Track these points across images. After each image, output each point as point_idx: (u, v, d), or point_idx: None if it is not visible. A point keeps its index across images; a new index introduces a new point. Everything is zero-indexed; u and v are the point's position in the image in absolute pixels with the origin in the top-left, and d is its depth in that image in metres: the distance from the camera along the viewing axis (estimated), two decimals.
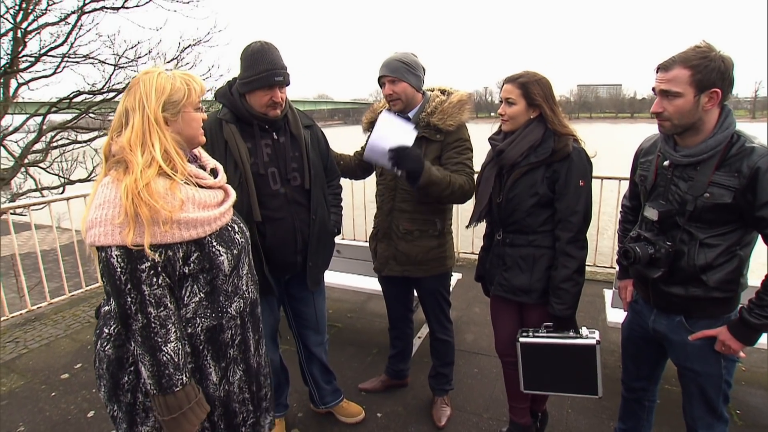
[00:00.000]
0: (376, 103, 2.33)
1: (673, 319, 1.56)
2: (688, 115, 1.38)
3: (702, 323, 1.50)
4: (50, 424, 2.43)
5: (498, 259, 1.93)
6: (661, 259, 1.48)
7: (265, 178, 1.85)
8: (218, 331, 1.26)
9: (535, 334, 1.78)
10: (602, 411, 2.41)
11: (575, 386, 1.80)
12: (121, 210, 1.07)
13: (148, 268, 1.10)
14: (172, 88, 1.19)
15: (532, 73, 1.78)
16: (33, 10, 7.24)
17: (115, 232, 1.07)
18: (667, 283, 1.51)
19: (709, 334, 1.48)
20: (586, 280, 1.85)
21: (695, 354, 1.52)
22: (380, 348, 3.10)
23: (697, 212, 1.41)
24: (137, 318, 1.11)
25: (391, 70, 2.03)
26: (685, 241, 1.45)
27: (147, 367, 1.13)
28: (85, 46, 8.05)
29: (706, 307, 1.48)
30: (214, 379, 1.28)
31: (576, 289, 1.76)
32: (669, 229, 1.49)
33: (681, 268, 1.47)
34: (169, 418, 1.16)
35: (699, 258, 1.43)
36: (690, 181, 1.43)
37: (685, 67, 1.34)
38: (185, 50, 8.65)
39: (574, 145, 1.74)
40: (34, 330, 3.50)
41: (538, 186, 1.76)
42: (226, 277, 1.26)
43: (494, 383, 2.67)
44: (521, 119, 1.77)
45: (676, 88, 1.36)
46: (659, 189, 1.53)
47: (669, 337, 1.58)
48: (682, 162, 1.44)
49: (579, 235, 1.75)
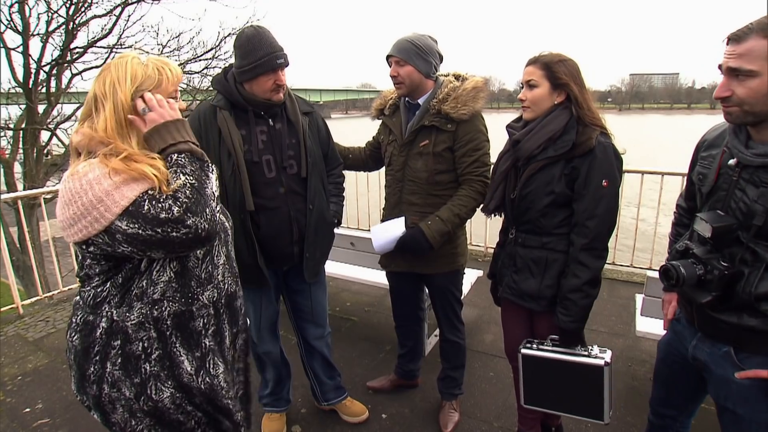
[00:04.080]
0: (386, 90, 2.20)
1: (719, 348, 1.27)
2: (765, 101, 1.07)
3: (756, 360, 1.20)
4: (65, 404, 2.50)
5: (509, 259, 1.78)
6: (712, 282, 1.18)
7: (260, 165, 1.79)
8: (187, 317, 1.21)
9: (540, 346, 1.62)
10: (626, 428, 2.20)
11: (579, 408, 1.62)
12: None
13: (148, 200, 1.06)
14: (144, 74, 1.14)
15: (556, 53, 1.59)
16: (83, 4, 7.56)
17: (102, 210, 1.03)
18: (716, 309, 1.23)
19: (763, 376, 1.17)
20: (621, 282, 1.66)
21: (741, 394, 1.23)
22: (393, 345, 2.98)
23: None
24: (184, 217, 1.05)
25: (398, 50, 1.90)
26: (747, 261, 1.16)
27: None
28: (132, 37, 8.37)
29: (763, 341, 1.18)
30: (188, 369, 1.22)
31: (585, 302, 1.56)
32: (727, 246, 1.19)
33: (735, 294, 1.18)
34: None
35: (761, 285, 1.13)
36: (762, 187, 1.12)
37: (765, 36, 1.04)
38: (224, 39, 8.83)
39: (600, 138, 1.52)
40: (65, 310, 3.64)
41: (554, 183, 1.57)
42: (198, 260, 1.21)
43: (509, 389, 2.51)
44: (544, 104, 1.58)
45: (750, 65, 1.06)
46: (720, 194, 1.23)
47: (710, 368, 1.30)
48: (753, 162, 1.14)
49: (596, 242, 1.54)
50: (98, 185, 1.04)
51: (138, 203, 1.05)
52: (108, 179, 1.04)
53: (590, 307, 1.59)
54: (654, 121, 65.63)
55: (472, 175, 1.94)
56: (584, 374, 1.56)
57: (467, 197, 1.94)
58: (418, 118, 1.96)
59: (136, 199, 1.05)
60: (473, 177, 1.94)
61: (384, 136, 2.15)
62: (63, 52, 7.69)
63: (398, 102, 2.06)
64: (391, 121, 2.09)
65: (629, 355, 2.80)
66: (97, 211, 1.03)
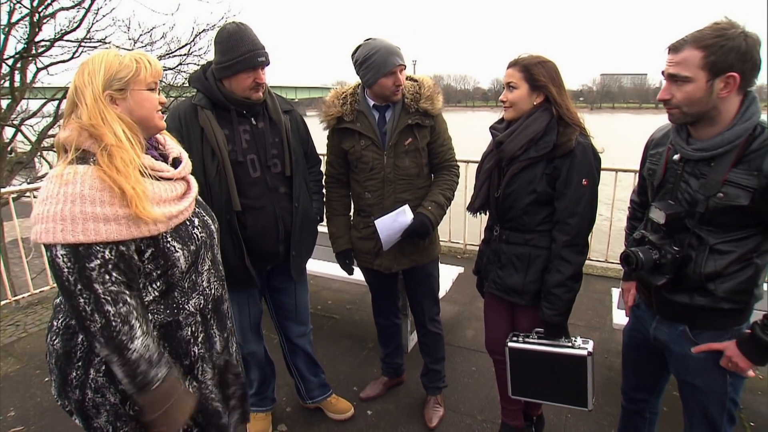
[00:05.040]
0: (328, 99, 2.05)
1: (676, 328, 1.40)
2: (699, 104, 1.20)
3: (708, 334, 1.34)
4: (40, 410, 2.42)
5: (494, 255, 1.82)
6: (666, 266, 1.32)
7: (244, 165, 1.77)
8: (174, 327, 1.19)
9: (525, 339, 1.68)
10: (603, 417, 2.28)
11: (565, 397, 1.69)
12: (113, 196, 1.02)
13: (98, 267, 1.02)
14: (120, 64, 1.11)
15: (535, 56, 1.63)
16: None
17: (57, 229, 0.99)
18: (670, 291, 1.36)
19: (715, 348, 1.32)
20: (598, 277, 1.72)
21: (697, 368, 1.37)
22: (376, 342, 2.98)
23: (709, 214, 1.24)
24: (94, 318, 1.02)
25: (402, 57, 1.89)
26: (693, 246, 1.30)
27: (118, 369, 1.06)
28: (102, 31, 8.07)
29: (712, 317, 1.32)
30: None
31: (568, 296, 1.63)
32: (677, 232, 1.33)
33: (686, 275, 1.31)
34: (155, 416, 1.10)
35: (707, 265, 1.27)
36: (702, 178, 1.25)
37: (697, 47, 1.17)
38: (199, 35, 8.63)
39: (580, 139, 1.58)
40: (36, 314, 3.52)
41: (536, 183, 1.62)
42: (183, 273, 1.18)
43: (491, 383, 2.55)
44: (524, 105, 1.62)
45: (686, 72, 1.19)
46: (668, 186, 1.37)
47: (670, 347, 1.43)
48: (693, 156, 1.27)
49: (577, 239, 1.61)
50: (73, 204, 1.00)
51: (91, 253, 1.01)
52: (87, 204, 1.00)
53: (573, 300, 1.66)
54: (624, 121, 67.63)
55: (450, 161, 2.11)
56: (568, 365, 1.63)
57: (450, 180, 2.10)
58: (398, 119, 1.96)
59: (93, 247, 1.01)
60: (450, 163, 2.11)
61: (351, 143, 2.02)
62: (27, 46, 7.38)
63: (358, 107, 1.99)
64: (358, 126, 1.98)
65: (605, 347, 2.90)
66: (54, 223, 0.99)
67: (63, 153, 1.08)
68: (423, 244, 2.10)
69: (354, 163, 2.05)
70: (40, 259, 4.09)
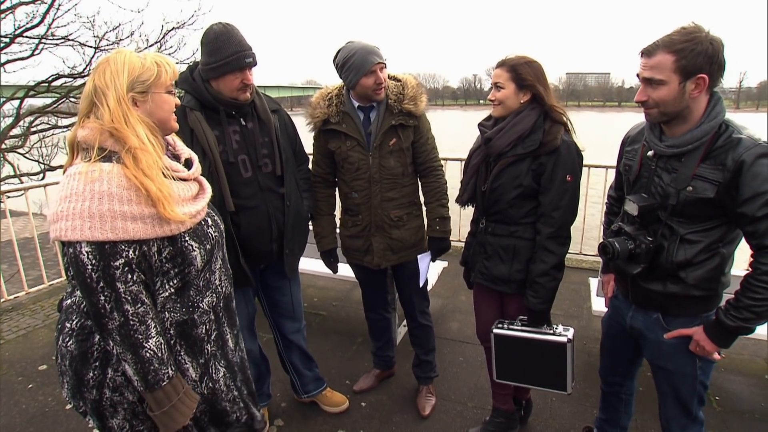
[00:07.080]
0: (313, 100, 2.09)
1: (651, 316, 1.51)
2: (673, 104, 1.31)
3: (679, 321, 1.45)
4: (27, 417, 2.37)
5: (480, 247, 1.91)
6: (641, 255, 1.42)
7: (236, 166, 1.79)
8: (190, 326, 1.22)
9: (510, 326, 1.78)
10: (585, 399, 2.43)
11: (546, 381, 1.80)
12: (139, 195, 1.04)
13: (122, 265, 1.05)
14: (142, 66, 1.13)
15: (522, 56, 1.72)
16: None
17: (85, 226, 1.01)
18: (645, 280, 1.46)
19: (685, 333, 1.44)
20: (573, 268, 1.84)
21: (669, 353, 1.49)
22: (365, 336, 3.06)
23: (680, 206, 1.35)
24: (113, 316, 1.06)
25: (381, 55, 1.94)
26: (666, 236, 1.40)
27: (131, 365, 1.09)
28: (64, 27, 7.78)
29: (683, 304, 1.43)
30: (193, 376, 1.24)
31: (552, 285, 1.74)
32: (650, 224, 1.43)
33: (660, 264, 1.42)
34: (160, 413, 1.13)
35: (678, 254, 1.38)
36: (674, 173, 1.36)
37: (668, 52, 1.26)
38: (168, 33, 8.44)
39: (564, 137, 1.69)
40: (11, 320, 3.41)
41: (522, 177, 1.71)
42: (198, 272, 1.21)
43: (479, 372, 2.67)
44: (511, 103, 1.71)
45: (660, 76, 1.28)
46: (642, 180, 1.47)
47: (645, 334, 1.54)
48: (666, 153, 1.38)
49: (560, 231, 1.72)
50: (101, 201, 1.01)
51: (116, 252, 1.03)
52: (116, 202, 1.02)
53: (556, 288, 1.77)
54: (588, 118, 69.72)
55: (434, 162, 2.16)
56: (550, 350, 1.73)
57: (440, 187, 2.18)
58: (382, 120, 2.01)
59: (119, 245, 1.03)
60: (435, 164, 2.16)
61: (337, 144, 2.05)
62: None
63: (343, 109, 2.02)
64: (344, 127, 2.02)
65: (584, 334, 3.05)
66: (81, 221, 1.00)
67: (81, 152, 1.09)
68: (411, 241, 2.17)
69: (340, 164, 2.10)
70: (14, 263, 3.95)
